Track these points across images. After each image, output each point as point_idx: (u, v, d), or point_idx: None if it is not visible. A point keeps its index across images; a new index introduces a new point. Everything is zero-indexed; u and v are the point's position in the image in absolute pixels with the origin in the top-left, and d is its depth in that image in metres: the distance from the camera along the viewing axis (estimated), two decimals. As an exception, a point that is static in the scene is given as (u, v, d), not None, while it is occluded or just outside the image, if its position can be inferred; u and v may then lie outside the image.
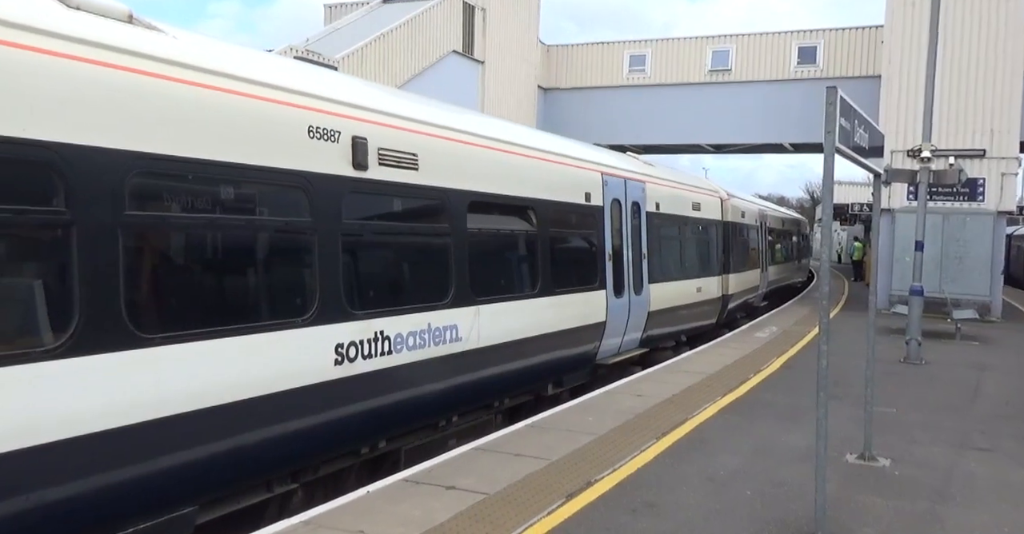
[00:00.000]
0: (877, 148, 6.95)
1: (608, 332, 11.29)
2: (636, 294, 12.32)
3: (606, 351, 11.52)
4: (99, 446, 4.52)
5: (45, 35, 4.37)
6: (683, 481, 6.56)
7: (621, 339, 11.92)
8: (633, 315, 12.18)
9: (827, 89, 5.17)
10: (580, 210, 10.76)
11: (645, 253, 12.82)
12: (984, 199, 21.26)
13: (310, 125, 6.07)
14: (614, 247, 11.65)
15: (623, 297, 11.79)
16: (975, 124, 21.24)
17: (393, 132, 7.03)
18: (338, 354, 6.24)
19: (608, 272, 11.33)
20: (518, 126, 11.17)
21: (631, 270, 12.22)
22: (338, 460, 6.77)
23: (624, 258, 12.01)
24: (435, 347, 7.41)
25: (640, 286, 12.55)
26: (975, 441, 8.24)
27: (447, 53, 24.70)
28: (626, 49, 31.05)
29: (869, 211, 36.78)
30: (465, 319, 7.86)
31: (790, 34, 29.15)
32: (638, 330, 12.56)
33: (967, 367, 13.19)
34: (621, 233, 12.00)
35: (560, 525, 5.51)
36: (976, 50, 21.15)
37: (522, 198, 9.21)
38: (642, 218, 12.85)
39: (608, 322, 11.23)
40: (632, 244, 12.37)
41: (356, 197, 6.56)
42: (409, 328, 7.05)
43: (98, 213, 4.55)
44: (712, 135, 30.93)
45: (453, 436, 8.19)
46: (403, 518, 5.51)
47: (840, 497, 6.19)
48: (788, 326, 18.07)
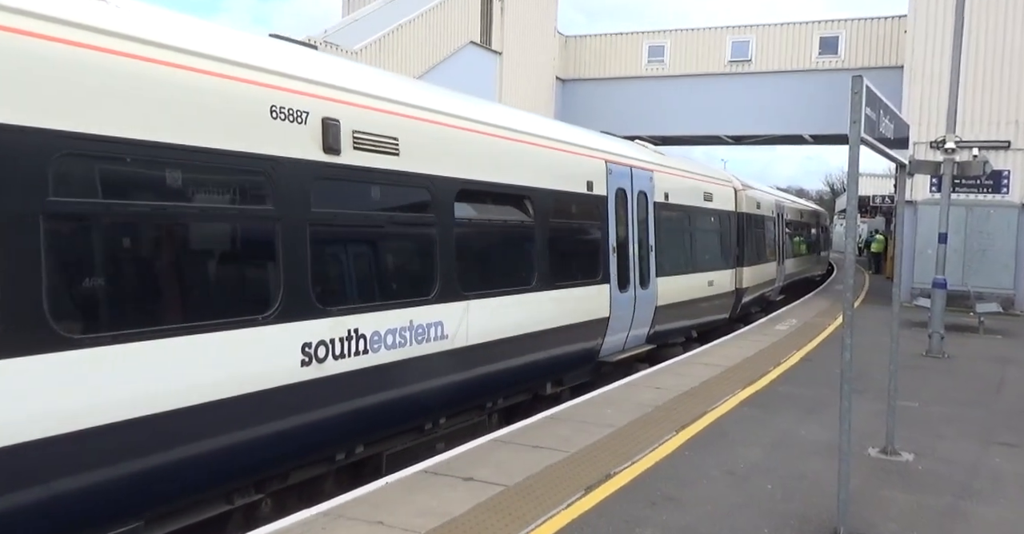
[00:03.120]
0: (902, 139, 6.84)
1: (612, 328, 10.81)
2: (642, 288, 11.82)
3: (610, 348, 11.02)
4: (17, 460, 4.11)
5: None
6: (703, 474, 6.51)
7: (626, 335, 11.44)
8: (639, 310, 11.70)
9: (853, 78, 5.08)
10: (581, 200, 10.19)
11: (652, 245, 12.25)
12: (1008, 191, 20.99)
13: (273, 105, 5.58)
14: (619, 239, 11.10)
15: (628, 291, 11.30)
16: (999, 115, 20.96)
17: (371, 114, 6.54)
18: (305, 354, 5.78)
19: (612, 265, 10.82)
20: (514, 110, 10.64)
21: (637, 263, 11.69)
22: (311, 467, 6.34)
23: (629, 250, 11.47)
24: (418, 345, 6.93)
25: (647, 280, 12.04)
26: (1000, 435, 8.13)
27: (465, 44, 24.64)
28: (645, 39, 30.87)
29: (890, 203, 36.44)
30: (453, 315, 7.39)
31: (811, 24, 28.87)
32: (644, 326, 12.04)
33: (990, 361, 13.03)
34: (626, 224, 11.42)
35: (579, 518, 5.48)
36: (1001, 40, 20.84)
37: (517, 186, 8.67)
38: (649, 208, 12.26)
39: (612, 317, 10.76)
40: (638, 236, 11.82)
41: (327, 184, 6.08)
42: (388, 325, 6.58)
43: (15, 200, 4.12)
44: (731, 126, 30.71)
45: (441, 439, 7.79)
46: (421, 509, 5.50)
47: (862, 491, 6.12)
48: (808, 318, 17.93)
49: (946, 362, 12.78)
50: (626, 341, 11.49)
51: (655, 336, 12.52)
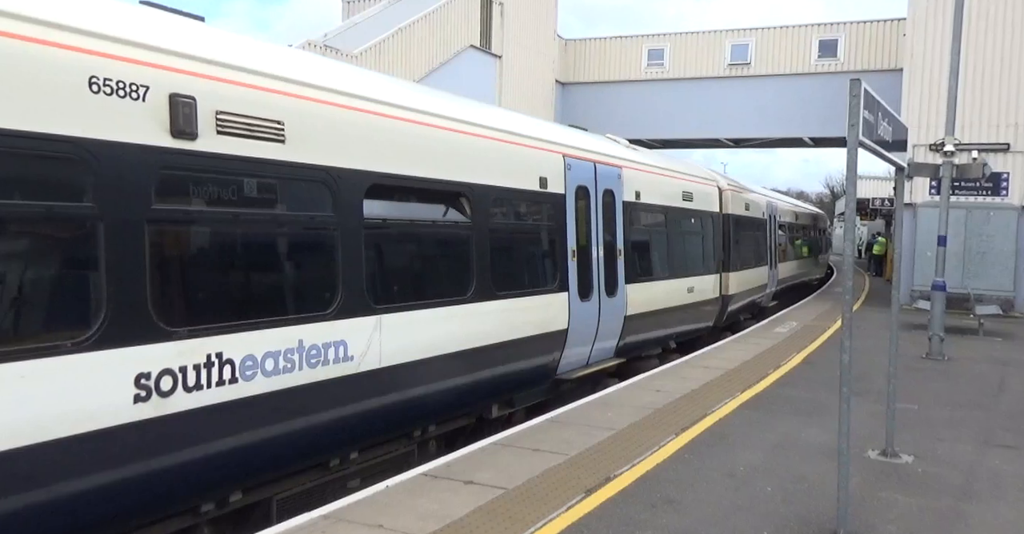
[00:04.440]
0: (900, 142, 6.85)
1: (572, 341, 9.70)
2: (609, 296, 10.73)
3: (570, 363, 9.91)
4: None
5: None
6: (703, 477, 6.52)
7: (590, 348, 10.34)
8: (605, 320, 10.61)
9: (851, 81, 5.10)
10: (533, 198, 9.05)
11: (621, 249, 11.13)
12: (1008, 194, 21.02)
13: (93, 76, 4.52)
14: (580, 242, 9.97)
15: (591, 300, 10.21)
16: (999, 118, 20.99)
17: (242, 91, 5.44)
18: (141, 387, 4.70)
19: (572, 271, 9.70)
20: (447, 94, 9.37)
21: (602, 268, 10.57)
22: (165, 522, 5.29)
23: (593, 255, 10.36)
24: (311, 370, 5.85)
25: (614, 287, 10.91)
26: (1000, 438, 8.13)
27: (465, 47, 24.69)
28: (644, 43, 30.92)
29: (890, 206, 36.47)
30: (359, 333, 6.31)
31: (811, 27, 28.92)
32: (612, 337, 10.95)
33: (990, 363, 13.03)
34: (589, 226, 10.31)
35: (579, 520, 5.49)
36: (1000, 43, 20.88)
37: (450, 182, 7.56)
38: (617, 208, 11.12)
39: (571, 329, 9.64)
40: (604, 238, 10.69)
41: (176, 175, 5.04)
42: (267, 348, 5.50)
43: None
44: (731, 129, 30.75)
45: (356, 475, 6.82)
46: (421, 512, 5.51)
47: (862, 494, 6.13)
48: (808, 321, 17.94)
49: (946, 364, 12.79)
50: (590, 355, 10.45)
51: (626, 348, 11.46)
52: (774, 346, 13.95)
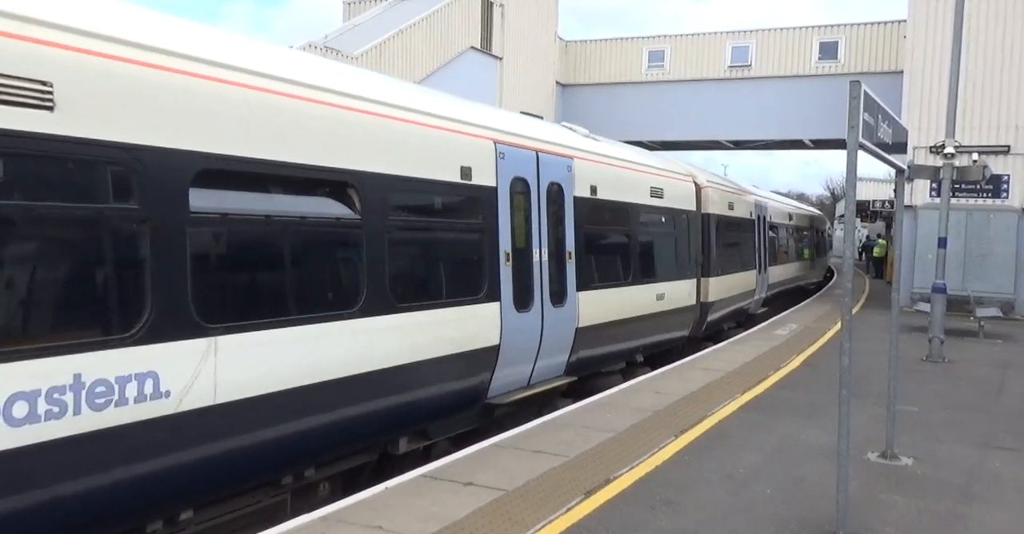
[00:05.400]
0: (901, 144, 6.87)
1: (505, 359, 8.28)
2: (556, 305, 9.23)
3: (505, 385, 8.48)
4: None
5: None
6: (703, 478, 6.52)
7: (531, 367, 8.94)
8: (550, 334, 9.11)
9: (851, 83, 5.11)
10: (452, 191, 7.63)
11: (571, 251, 9.63)
12: (1008, 196, 21.02)
13: None
14: (516, 244, 8.51)
15: (531, 310, 8.72)
16: (999, 120, 21.00)
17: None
18: None
19: (504, 278, 8.24)
20: (338, 63, 7.93)
21: (547, 274, 9.06)
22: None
23: (534, 258, 8.84)
24: (97, 414, 4.44)
25: (562, 295, 9.41)
26: (1000, 440, 8.13)
27: (465, 49, 24.72)
28: (645, 45, 30.94)
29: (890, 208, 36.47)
30: (180, 361, 4.91)
31: (811, 29, 28.94)
32: (560, 353, 9.49)
33: (991, 365, 13.03)
34: (529, 224, 8.82)
35: (579, 522, 5.49)
36: (1000, 45, 20.89)
37: (326, 169, 6.11)
38: (567, 205, 9.58)
39: (504, 346, 8.20)
40: (549, 240, 9.19)
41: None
42: (17, 387, 4.09)
43: None
44: (731, 131, 30.76)
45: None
46: (421, 514, 5.51)
47: (861, 496, 6.13)
48: (808, 323, 17.94)
49: (946, 366, 12.78)
50: (532, 374, 9.02)
51: (579, 364, 9.99)
52: (774, 348, 13.95)
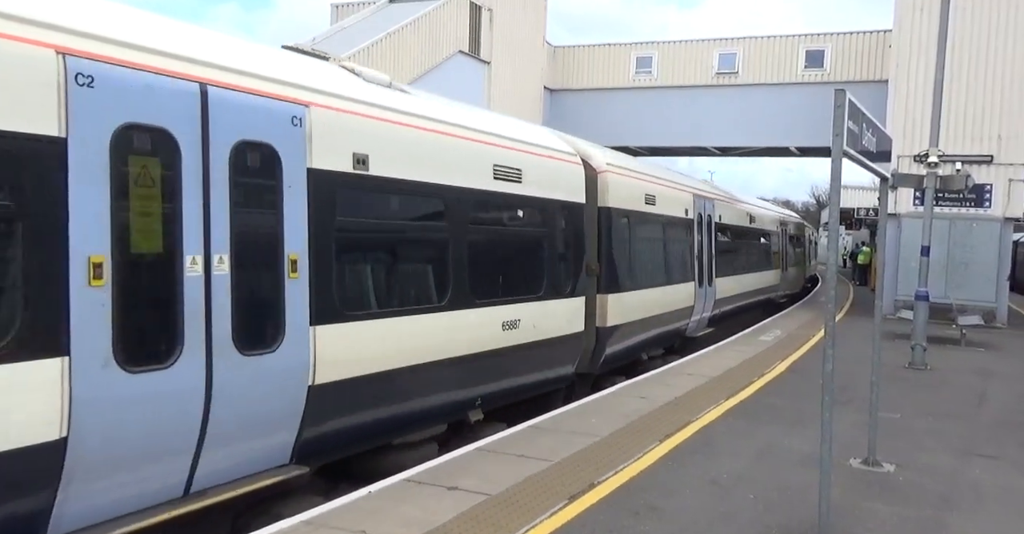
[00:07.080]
0: (885, 152, 6.91)
1: (80, 474, 4.52)
2: (250, 352, 5.52)
3: (82, 516, 4.65)
4: None
5: None
6: (686, 484, 6.53)
7: (189, 464, 5.23)
8: (234, 410, 5.41)
9: (835, 91, 5.14)
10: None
11: (296, 259, 5.88)
12: (991, 205, 21.21)
13: None
14: (132, 248, 4.85)
15: (172, 369, 5.01)
16: (983, 130, 21.19)
17: None
18: None
19: (89, 313, 4.52)
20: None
21: (227, 301, 5.34)
22: None
23: (182, 275, 5.07)
24: None
25: (269, 335, 5.72)
26: (981, 448, 8.19)
27: (453, 53, 24.70)
28: (633, 51, 31.03)
29: (874, 216, 36.70)
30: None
31: (798, 38, 29.11)
32: (267, 434, 5.79)
33: (972, 373, 13.13)
34: (174, 215, 5.04)
35: (562, 527, 5.48)
36: (984, 55, 21.10)
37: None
38: (288, 186, 5.85)
39: (73, 446, 4.44)
40: (232, 242, 5.40)
41: None
42: None
43: None
44: (718, 138, 30.87)
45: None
46: (405, 518, 5.49)
47: (844, 502, 6.15)
48: (792, 330, 18.03)
49: (928, 374, 12.87)
50: (191, 478, 5.28)
51: (318, 446, 6.30)
52: (759, 354, 14.00)
